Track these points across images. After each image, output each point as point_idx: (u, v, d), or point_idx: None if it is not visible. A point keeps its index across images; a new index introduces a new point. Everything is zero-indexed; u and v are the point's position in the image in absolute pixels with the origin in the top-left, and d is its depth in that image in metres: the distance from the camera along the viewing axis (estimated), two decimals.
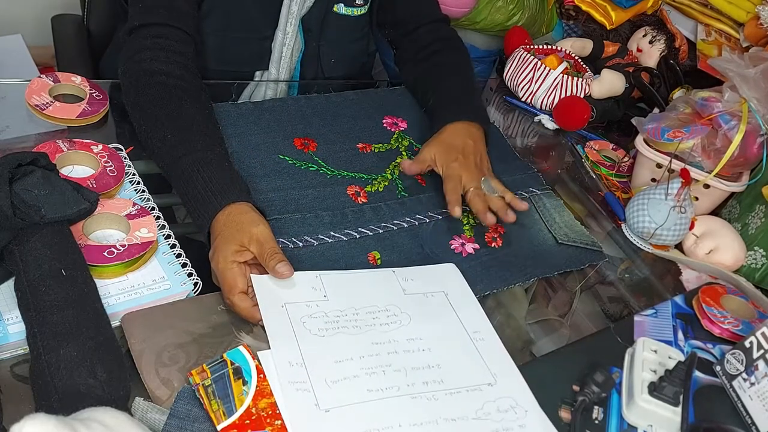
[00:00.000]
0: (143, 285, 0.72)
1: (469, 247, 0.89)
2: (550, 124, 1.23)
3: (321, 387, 0.64)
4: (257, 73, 1.08)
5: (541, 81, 1.22)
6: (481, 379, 0.70)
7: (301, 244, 0.82)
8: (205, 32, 1.00)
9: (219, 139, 0.85)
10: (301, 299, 0.73)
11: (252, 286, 0.72)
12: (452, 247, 0.89)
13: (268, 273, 0.73)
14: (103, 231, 0.76)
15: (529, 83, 1.24)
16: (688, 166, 0.96)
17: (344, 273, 0.79)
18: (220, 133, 0.86)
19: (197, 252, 0.77)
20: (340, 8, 1.09)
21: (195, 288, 0.73)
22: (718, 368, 0.77)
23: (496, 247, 0.91)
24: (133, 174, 0.84)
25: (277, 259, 0.72)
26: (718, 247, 0.97)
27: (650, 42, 1.34)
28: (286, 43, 1.06)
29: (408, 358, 0.70)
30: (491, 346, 0.74)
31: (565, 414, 0.69)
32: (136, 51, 0.88)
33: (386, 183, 0.95)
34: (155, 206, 0.80)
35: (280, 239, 0.82)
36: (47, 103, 0.90)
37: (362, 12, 1.12)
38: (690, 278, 0.96)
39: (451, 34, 1.15)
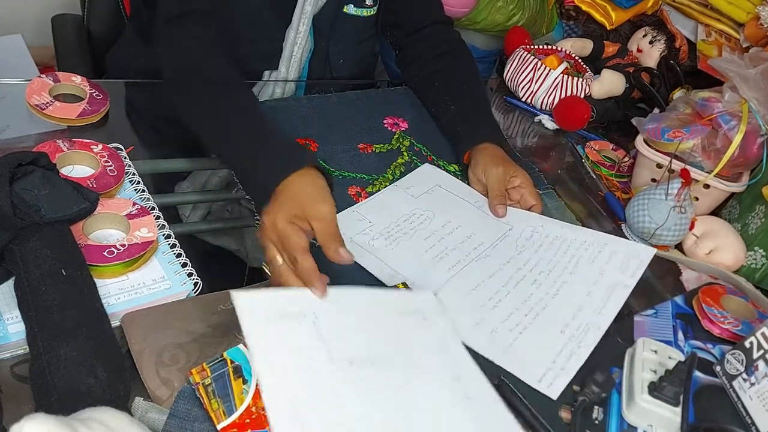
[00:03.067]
0: (143, 285, 0.72)
1: None
2: (550, 124, 1.23)
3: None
4: (266, 72, 1.08)
5: (541, 81, 1.22)
6: (503, 229, 0.91)
7: None
8: None
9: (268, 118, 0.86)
10: (357, 231, 0.85)
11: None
12: None
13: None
14: (103, 231, 0.76)
15: (529, 83, 1.24)
16: (688, 166, 0.96)
17: (368, 201, 0.92)
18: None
19: (197, 252, 0.77)
20: (350, 9, 1.09)
21: (195, 288, 0.73)
22: (718, 368, 0.77)
23: None
24: (133, 174, 0.84)
25: (339, 242, 0.69)
26: (718, 247, 0.97)
27: (650, 42, 1.34)
28: (298, 42, 1.06)
29: (453, 237, 0.88)
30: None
31: (565, 414, 0.69)
32: (176, 43, 0.89)
33: (387, 183, 0.95)
34: (155, 206, 0.80)
35: None
36: (47, 102, 0.90)
37: (371, 13, 1.12)
38: (690, 278, 0.96)
39: (456, 37, 1.15)
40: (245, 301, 0.64)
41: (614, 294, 0.81)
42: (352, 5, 1.09)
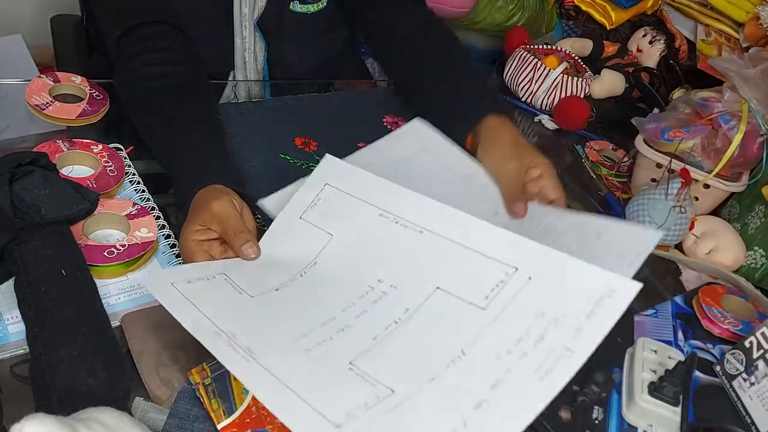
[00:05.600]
0: (143, 285, 0.72)
1: None
2: (550, 124, 1.23)
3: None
4: (232, 72, 1.06)
5: (541, 81, 1.22)
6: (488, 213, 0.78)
7: None
8: None
9: (212, 131, 0.83)
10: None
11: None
12: None
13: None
14: (103, 231, 0.76)
15: (529, 83, 1.24)
16: (688, 166, 0.96)
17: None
18: (216, 123, 0.85)
19: None
20: (296, 6, 1.05)
21: None
22: (718, 368, 0.77)
23: None
24: (133, 174, 0.84)
25: (243, 239, 0.69)
26: (718, 247, 0.97)
27: (650, 42, 1.34)
28: (246, 48, 1.03)
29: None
30: (485, 181, 0.83)
31: (565, 414, 0.69)
32: (128, 60, 0.86)
33: None
34: (155, 206, 0.80)
35: None
36: (47, 103, 0.90)
37: (320, 7, 1.07)
38: (690, 278, 0.96)
39: (425, 12, 1.05)
40: (149, 278, 0.67)
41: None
42: (298, 2, 1.04)
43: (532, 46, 1.29)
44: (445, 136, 0.86)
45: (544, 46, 1.31)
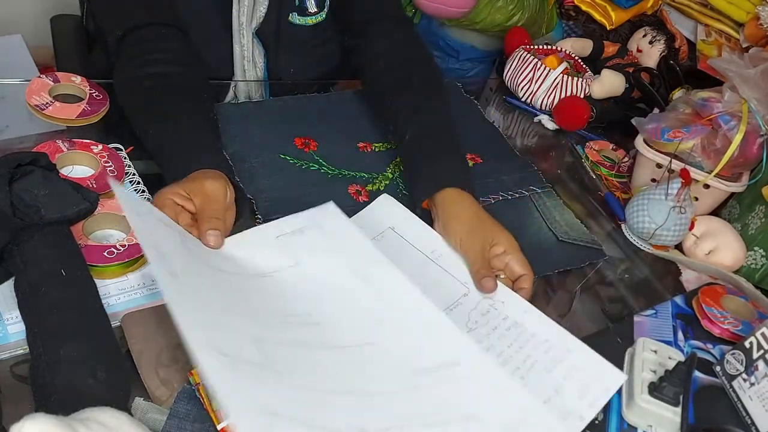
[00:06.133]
0: (143, 285, 0.72)
1: None
2: (550, 124, 1.23)
3: None
4: (232, 78, 1.06)
5: (541, 81, 1.22)
6: (457, 293, 0.76)
7: None
8: None
9: (212, 129, 0.83)
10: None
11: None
12: None
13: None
14: (103, 231, 0.76)
15: (529, 83, 1.24)
16: (687, 166, 0.96)
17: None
18: (215, 122, 0.85)
19: None
20: (294, 18, 1.03)
21: None
22: (718, 368, 0.77)
23: None
24: (133, 174, 0.84)
25: (214, 224, 0.68)
26: (718, 248, 0.97)
27: (650, 42, 1.35)
28: (245, 57, 1.03)
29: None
30: (453, 261, 0.80)
31: None
32: (129, 60, 0.87)
33: (387, 182, 0.95)
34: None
35: None
36: (47, 103, 0.90)
37: (319, 20, 1.06)
38: (690, 278, 0.96)
39: (411, 38, 1.04)
40: (124, 193, 0.66)
41: (565, 424, 0.65)
42: (296, 14, 1.03)
43: (532, 46, 1.29)
44: (410, 214, 0.85)
45: (544, 46, 1.31)
